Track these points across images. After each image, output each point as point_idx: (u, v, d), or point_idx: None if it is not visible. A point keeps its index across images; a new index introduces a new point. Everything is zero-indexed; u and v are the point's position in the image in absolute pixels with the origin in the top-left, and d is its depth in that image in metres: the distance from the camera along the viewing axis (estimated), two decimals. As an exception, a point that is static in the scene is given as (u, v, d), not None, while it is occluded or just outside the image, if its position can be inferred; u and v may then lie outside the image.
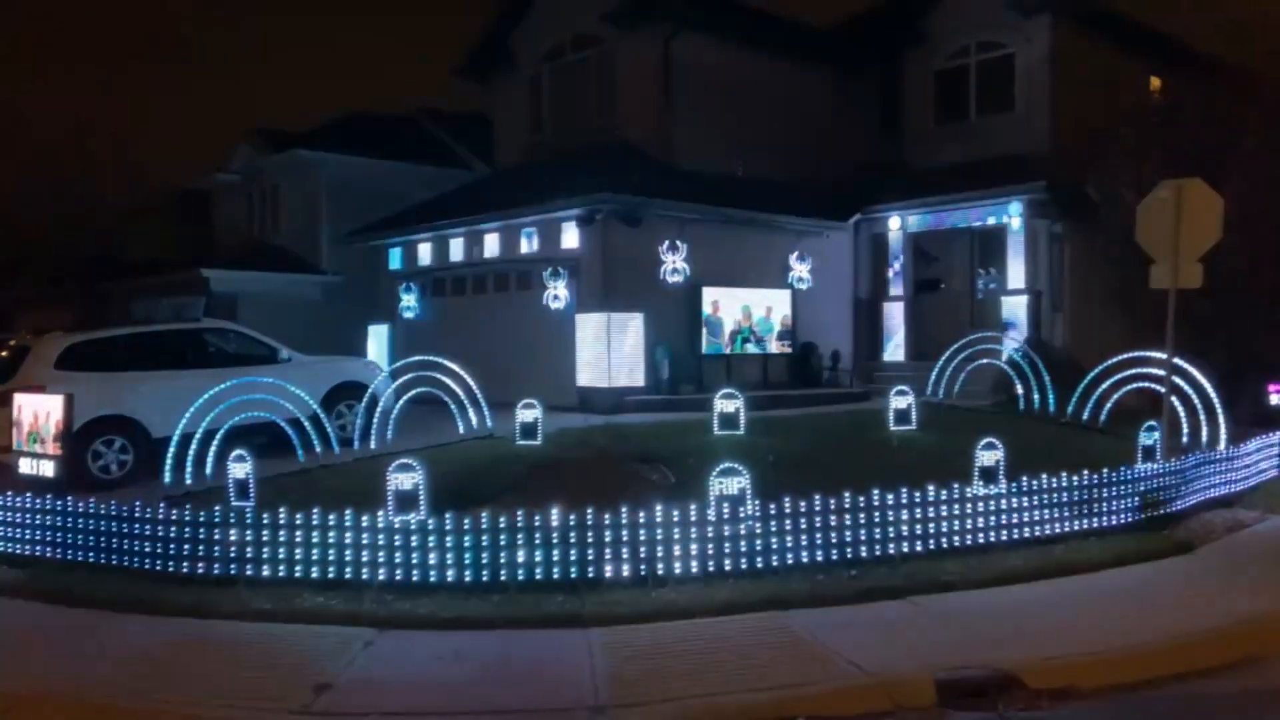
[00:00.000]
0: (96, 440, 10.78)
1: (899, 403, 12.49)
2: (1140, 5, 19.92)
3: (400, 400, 12.21)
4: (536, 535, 6.98)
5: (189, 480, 10.00)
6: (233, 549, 7.24)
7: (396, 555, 7.04)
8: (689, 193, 16.51)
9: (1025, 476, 8.20)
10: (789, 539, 7.33)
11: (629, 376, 15.37)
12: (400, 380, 12.39)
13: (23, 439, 10.22)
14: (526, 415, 11.62)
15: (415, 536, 7.03)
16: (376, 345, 19.25)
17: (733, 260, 16.76)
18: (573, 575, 6.99)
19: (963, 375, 15.12)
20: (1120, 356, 12.45)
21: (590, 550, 7.01)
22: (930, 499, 7.74)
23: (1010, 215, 16.96)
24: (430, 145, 25.78)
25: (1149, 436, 9.64)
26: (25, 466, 10.18)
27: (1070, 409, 13.13)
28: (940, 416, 13.22)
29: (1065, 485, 8.28)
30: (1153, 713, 5.25)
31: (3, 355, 11.76)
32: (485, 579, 6.96)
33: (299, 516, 7.18)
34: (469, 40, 22.01)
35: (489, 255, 17.29)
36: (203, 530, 7.31)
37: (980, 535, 7.91)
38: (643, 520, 7.06)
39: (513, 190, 17.99)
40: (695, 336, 16.18)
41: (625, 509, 7.06)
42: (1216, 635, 6.01)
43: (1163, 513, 8.90)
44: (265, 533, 7.19)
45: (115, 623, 6.58)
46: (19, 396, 10.40)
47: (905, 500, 7.65)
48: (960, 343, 15.49)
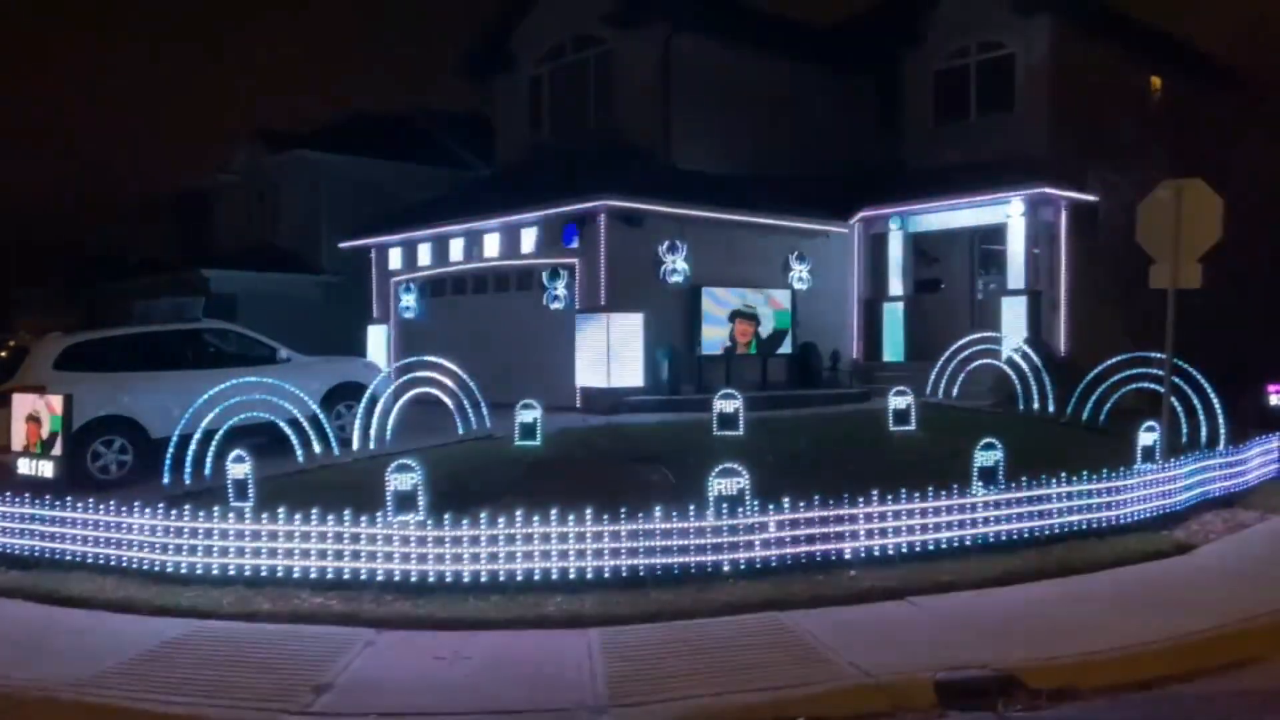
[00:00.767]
0: (96, 440, 10.78)
1: (898, 403, 12.49)
2: (1140, 5, 19.95)
3: (400, 400, 12.20)
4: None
5: (188, 480, 9.99)
6: (232, 549, 7.24)
7: (396, 555, 7.03)
8: (689, 193, 16.51)
9: (1025, 477, 8.20)
10: (788, 538, 7.33)
11: (628, 377, 15.36)
12: (400, 380, 12.39)
13: (31, 445, 10.17)
14: (526, 415, 11.61)
15: (414, 536, 7.03)
16: (376, 345, 19.24)
17: (733, 260, 16.76)
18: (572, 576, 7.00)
19: (962, 375, 15.12)
20: (1120, 357, 12.46)
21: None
22: (930, 499, 7.74)
23: (1010, 215, 16.95)
24: (430, 145, 25.81)
25: (1148, 436, 9.64)
26: (25, 467, 10.17)
27: (1070, 409, 13.13)
28: (940, 417, 13.22)
29: (1065, 485, 8.29)
30: (1153, 713, 5.25)
31: (3, 355, 11.76)
32: (485, 579, 6.97)
33: (298, 516, 7.18)
34: (469, 40, 22.03)
35: (489, 255, 17.29)
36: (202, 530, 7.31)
37: (980, 535, 7.91)
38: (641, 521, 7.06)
39: (513, 190, 17.99)
40: (695, 337, 16.18)
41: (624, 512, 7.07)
42: (1217, 635, 6.00)
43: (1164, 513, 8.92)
44: (265, 532, 7.19)
45: (115, 623, 6.58)
46: (18, 397, 10.39)
47: (904, 500, 7.65)
48: (960, 343, 15.49)
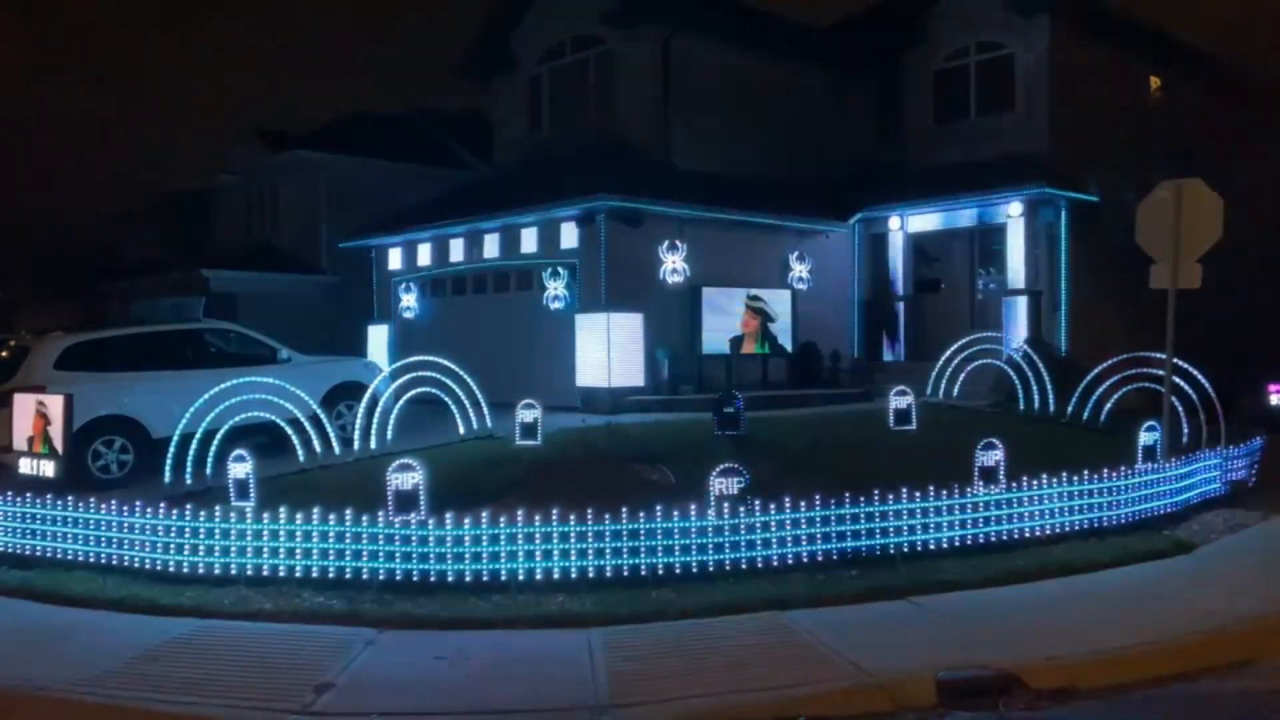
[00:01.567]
0: (97, 440, 10.79)
1: (899, 403, 12.49)
2: (1140, 5, 19.94)
3: (400, 400, 12.19)
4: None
5: (189, 480, 9.99)
6: (233, 548, 7.24)
7: (397, 554, 7.03)
8: (688, 193, 16.51)
9: (1025, 476, 8.20)
10: (789, 538, 7.33)
11: (629, 376, 15.36)
12: (400, 380, 12.38)
13: (35, 445, 10.17)
14: (526, 415, 11.62)
15: (415, 536, 7.03)
16: (376, 345, 19.24)
17: (732, 260, 16.76)
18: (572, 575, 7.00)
19: (963, 375, 15.11)
20: (1120, 356, 12.45)
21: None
22: (930, 499, 7.74)
23: (1010, 215, 16.95)
24: (430, 145, 25.81)
25: (1149, 436, 9.64)
26: (25, 466, 10.17)
27: (1070, 409, 13.13)
28: (940, 416, 13.22)
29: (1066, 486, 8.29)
30: (1153, 713, 5.25)
31: (3, 355, 11.76)
32: (486, 579, 6.97)
33: (299, 516, 7.18)
34: (469, 40, 22.02)
35: (489, 255, 17.29)
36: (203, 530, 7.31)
37: (980, 535, 7.91)
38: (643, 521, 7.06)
39: (512, 190, 17.99)
40: (695, 336, 16.18)
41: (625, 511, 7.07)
42: (1217, 635, 6.00)
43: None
44: (266, 532, 7.19)
45: (116, 622, 6.58)
46: (19, 397, 10.39)
47: (905, 500, 7.65)
48: (960, 343, 15.49)
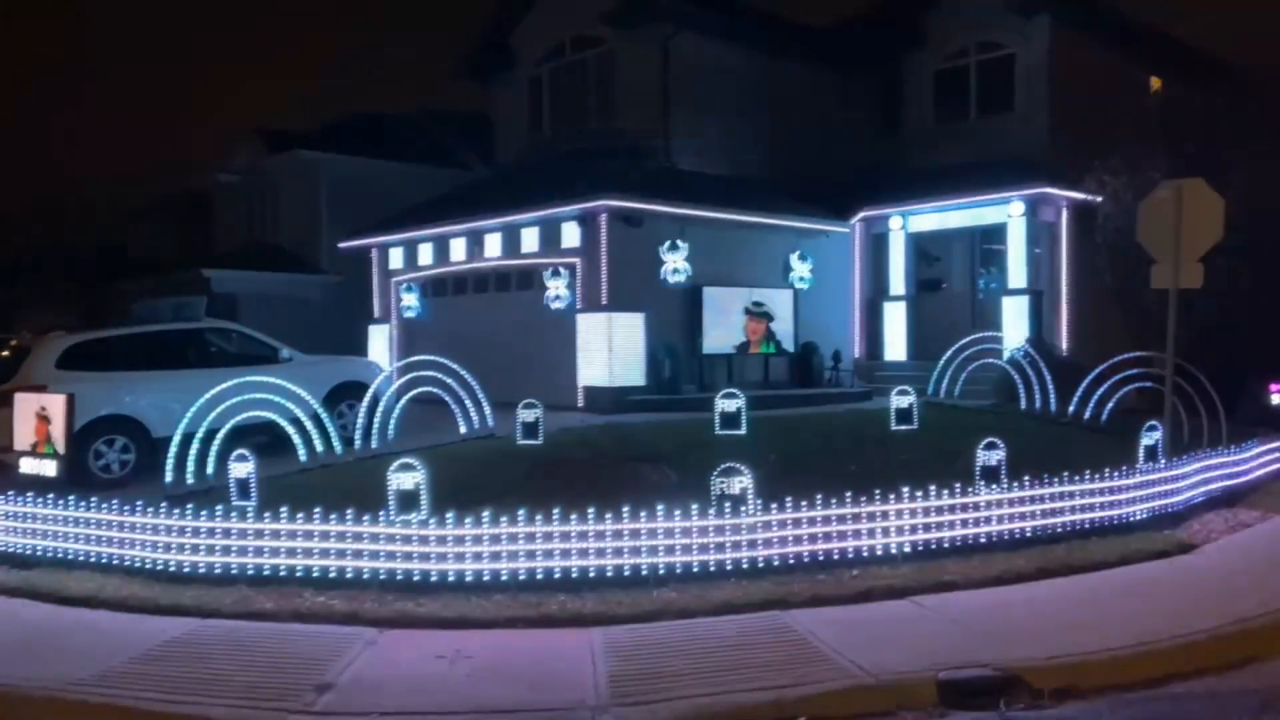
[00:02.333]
0: (98, 440, 10.79)
1: (900, 402, 12.50)
2: (1140, 5, 19.94)
3: (401, 400, 12.21)
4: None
5: (190, 480, 9.99)
6: (234, 548, 7.25)
7: (398, 554, 7.04)
8: (689, 193, 16.52)
9: (1027, 476, 8.20)
10: (789, 538, 7.33)
11: (630, 376, 15.38)
12: (401, 380, 12.40)
13: (36, 444, 10.18)
14: (527, 415, 11.62)
15: (416, 535, 7.04)
16: (377, 345, 19.25)
17: (733, 260, 16.77)
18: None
19: (964, 375, 15.12)
20: (1121, 356, 12.46)
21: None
22: (932, 498, 7.74)
23: (1010, 215, 16.96)
24: (430, 145, 25.81)
25: (1150, 436, 9.63)
26: (27, 466, 10.18)
27: (1071, 409, 13.13)
28: (942, 416, 13.23)
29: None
30: (1154, 712, 5.24)
31: (3, 355, 11.77)
32: (487, 578, 6.98)
33: (300, 516, 7.18)
34: (469, 40, 22.05)
35: (490, 255, 17.30)
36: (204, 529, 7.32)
37: (982, 534, 7.91)
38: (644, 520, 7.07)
39: (513, 190, 18.00)
40: (696, 336, 16.18)
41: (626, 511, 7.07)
42: (1218, 635, 6.00)
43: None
44: (267, 532, 7.20)
45: (116, 622, 6.58)
46: (20, 397, 10.40)
47: (906, 500, 7.65)
48: (961, 342, 15.51)
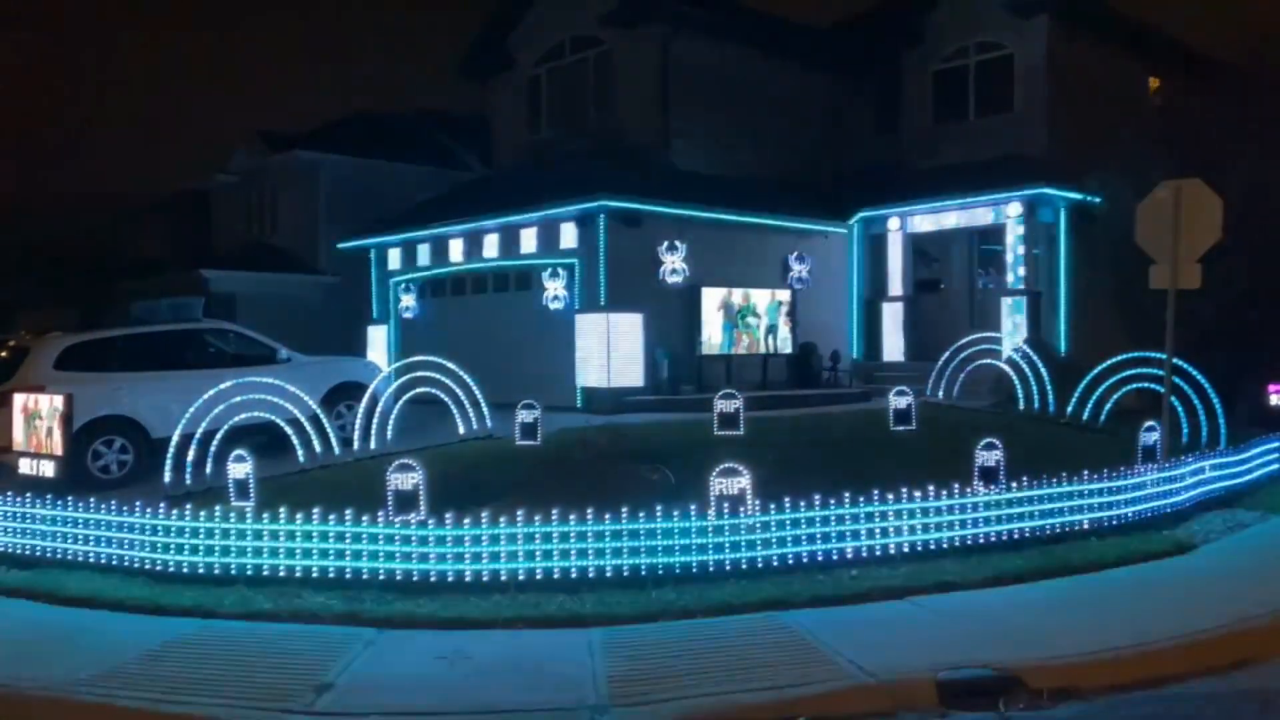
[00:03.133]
0: (97, 440, 10.78)
1: (899, 403, 12.50)
2: (1140, 5, 19.95)
3: (400, 400, 12.20)
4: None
5: (189, 480, 9.99)
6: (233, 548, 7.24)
7: (397, 554, 7.03)
8: (688, 193, 16.51)
9: (1025, 477, 8.20)
10: (789, 538, 7.33)
11: (629, 377, 15.37)
12: (400, 380, 12.39)
13: (35, 445, 10.17)
14: (526, 415, 11.62)
15: (415, 536, 7.03)
16: (376, 345, 19.24)
17: (732, 260, 16.76)
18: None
19: (962, 375, 15.12)
20: (1120, 357, 12.46)
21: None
22: (931, 499, 7.74)
23: (1009, 215, 16.96)
24: (430, 145, 25.80)
25: (1149, 436, 9.64)
26: (25, 466, 10.18)
27: (1070, 409, 13.14)
28: (940, 416, 13.23)
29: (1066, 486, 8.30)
30: (1154, 713, 5.25)
31: (3, 355, 11.76)
32: (486, 579, 6.97)
33: (299, 516, 7.18)
34: (469, 41, 22.02)
35: (488, 255, 17.29)
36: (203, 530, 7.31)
37: (981, 535, 7.91)
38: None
39: (512, 191, 18.00)
40: (695, 336, 16.18)
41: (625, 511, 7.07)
42: (1217, 635, 6.00)
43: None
44: (266, 532, 7.19)
45: (116, 622, 6.58)
46: (19, 397, 10.39)
47: (905, 500, 7.65)
48: (960, 343, 15.51)
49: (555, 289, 16.09)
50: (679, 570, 7.09)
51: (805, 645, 5.88)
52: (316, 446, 10.92)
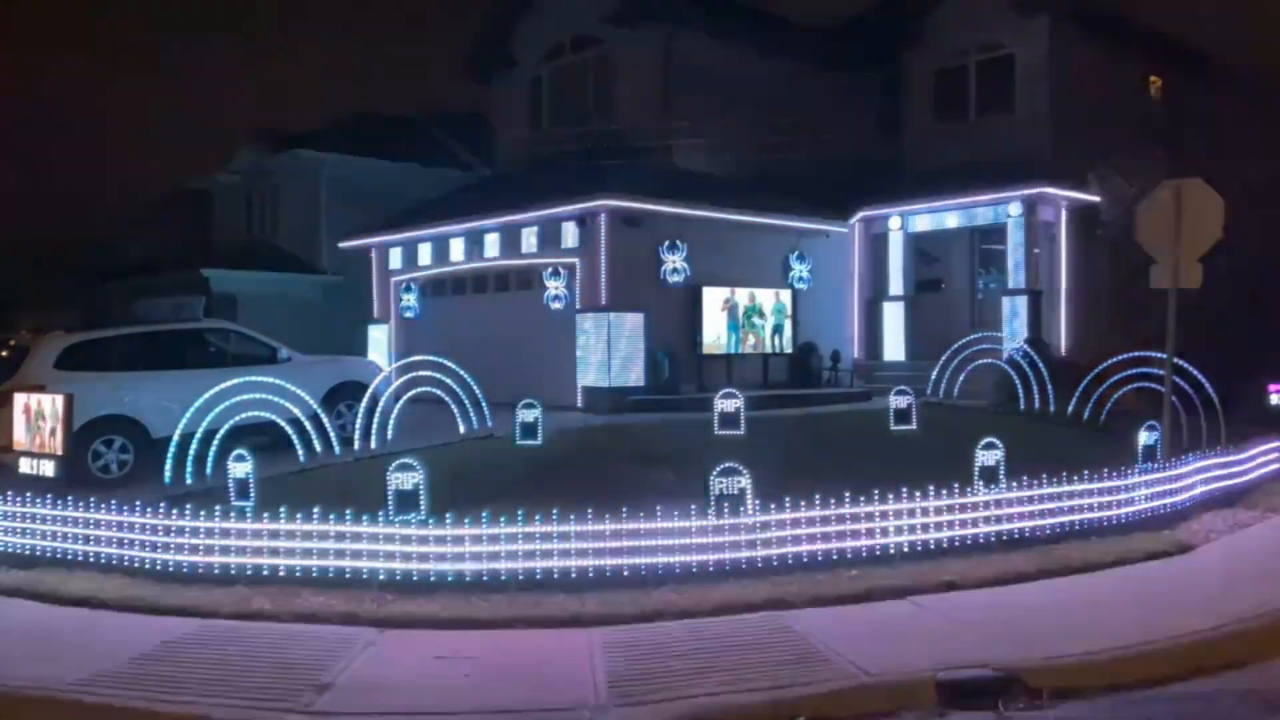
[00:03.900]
0: (97, 440, 10.78)
1: (899, 403, 12.50)
2: (1140, 5, 19.94)
3: (400, 400, 12.20)
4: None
5: (189, 480, 9.99)
6: (233, 548, 7.25)
7: (397, 554, 7.03)
8: (689, 193, 16.51)
9: (1026, 477, 8.20)
10: (789, 538, 7.33)
11: (629, 376, 15.37)
12: (400, 380, 12.39)
13: (35, 444, 10.17)
14: (526, 415, 11.62)
15: (416, 536, 7.03)
16: (376, 345, 19.25)
17: (733, 260, 16.76)
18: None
19: (963, 375, 15.12)
20: (1120, 356, 12.46)
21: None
22: (931, 499, 7.74)
23: (1010, 215, 16.96)
24: (430, 145, 25.79)
25: (1149, 436, 9.64)
26: (25, 466, 10.17)
27: (1070, 409, 13.13)
28: (940, 416, 13.23)
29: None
30: (1153, 713, 5.25)
31: (3, 355, 11.76)
32: (486, 578, 6.97)
33: (299, 516, 7.18)
34: (469, 41, 22.02)
35: (489, 255, 17.30)
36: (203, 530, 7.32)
37: (981, 535, 7.91)
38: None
39: (513, 190, 18.00)
40: (695, 336, 16.18)
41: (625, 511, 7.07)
42: (1217, 635, 6.00)
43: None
44: (266, 532, 7.20)
45: (116, 622, 6.58)
46: (19, 397, 10.39)
47: (905, 500, 7.65)
48: (960, 343, 15.51)
49: (556, 288, 16.10)
50: (679, 570, 7.09)
51: (805, 645, 5.88)
52: (317, 446, 10.92)
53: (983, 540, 7.90)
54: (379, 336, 19.39)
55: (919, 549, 7.65)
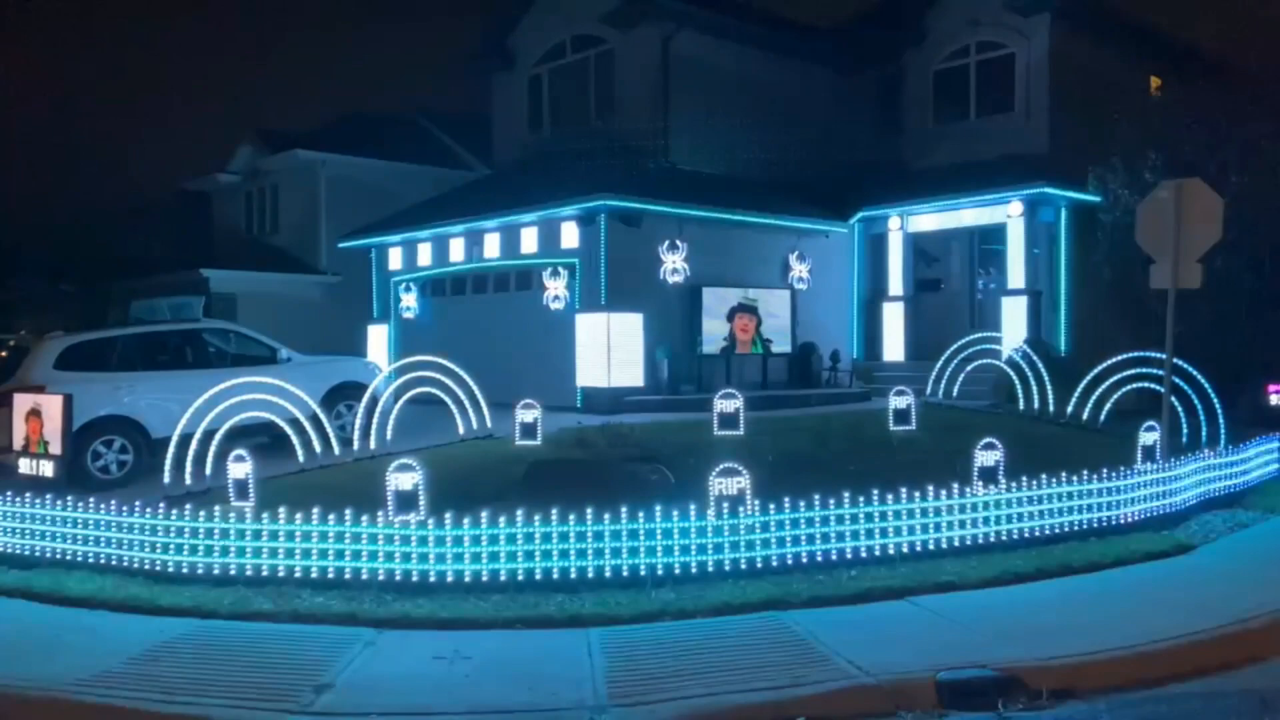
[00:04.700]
0: (96, 440, 10.79)
1: (899, 403, 12.50)
2: (1140, 5, 19.94)
3: (400, 400, 12.20)
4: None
5: (189, 480, 9.99)
6: (232, 548, 7.24)
7: (396, 555, 7.03)
8: (688, 193, 16.52)
9: (1025, 477, 8.20)
10: (789, 538, 7.32)
11: (629, 377, 15.37)
12: (400, 380, 12.39)
13: (33, 445, 10.18)
14: (526, 415, 11.62)
15: (415, 536, 7.03)
16: (376, 345, 19.24)
17: (732, 260, 16.76)
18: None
19: (962, 375, 15.11)
20: (1120, 357, 12.46)
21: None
22: (930, 499, 7.74)
23: (1010, 215, 16.95)
24: (430, 145, 25.80)
25: (1149, 436, 9.63)
26: (25, 466, 10.18)
27: (1070, 409, 13.13)
28: (940, 416, 13.23)
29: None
30: (1153, 713, 5.25)
31: (3, 355, 11.77)
32: (485, 579, 6.97)
33: (299, 516, 7.18)
34: (469, 40, 22.08)
35: (489, 255, 17.29)
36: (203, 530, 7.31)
37: (981, 535, 7.90)
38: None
39: (513, 190, 18.00)
40: (695, 336, 16.18)
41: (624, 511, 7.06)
42: (1217, 635, 6.00)
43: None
44: (265, 532, 7.19)
45: (115, 622, 6.58)
46: (19, 397, 10.40)
47: (905, 500, 7.65)
48: (960, 343, 15.50)
49: (556, 288, 16.10)
50: (679, 570, 7.08)
51: (804, 645, 5.88)
52: (316, 446, 10.92)
53: (982, 540, 7.89)
54: (378, 336, 19.38)
55: (918, 549, 7.65)
